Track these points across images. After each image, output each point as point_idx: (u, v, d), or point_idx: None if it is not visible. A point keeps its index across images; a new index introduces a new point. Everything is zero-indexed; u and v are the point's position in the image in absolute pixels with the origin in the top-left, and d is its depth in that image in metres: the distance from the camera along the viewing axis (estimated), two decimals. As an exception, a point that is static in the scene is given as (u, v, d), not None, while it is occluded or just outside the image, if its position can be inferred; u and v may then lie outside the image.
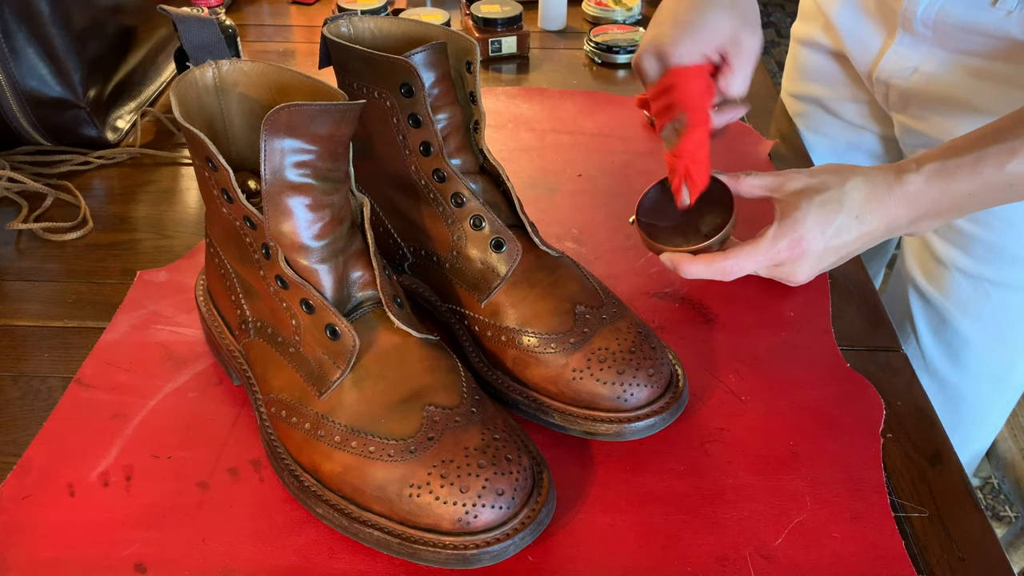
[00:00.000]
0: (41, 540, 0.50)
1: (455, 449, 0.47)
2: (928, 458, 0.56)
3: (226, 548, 0.49)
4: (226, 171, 0.48)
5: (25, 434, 0.56)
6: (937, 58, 0.76)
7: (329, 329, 0.50)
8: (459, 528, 0.46)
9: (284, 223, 0.49)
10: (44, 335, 0.65)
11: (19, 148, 0.84)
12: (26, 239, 0.74)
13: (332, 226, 0.51)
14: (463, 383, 0.51)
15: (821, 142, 0.97)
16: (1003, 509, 1.55)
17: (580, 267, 0.61)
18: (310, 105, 0.46)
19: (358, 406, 0.49)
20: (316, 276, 0.51)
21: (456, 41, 0.56)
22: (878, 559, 0.49)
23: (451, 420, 0.48)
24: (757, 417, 0.58)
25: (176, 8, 0.62)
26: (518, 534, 0.47)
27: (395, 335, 0.52)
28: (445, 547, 0.46)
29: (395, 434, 0.48)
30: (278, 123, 0.46)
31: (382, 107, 0.56)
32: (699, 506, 0.52)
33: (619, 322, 0.56)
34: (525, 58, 1.07)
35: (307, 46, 1.09)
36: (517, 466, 0.48)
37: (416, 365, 0.51)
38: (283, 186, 0.48)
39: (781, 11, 3.50)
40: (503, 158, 0.85)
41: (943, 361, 0.86)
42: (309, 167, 0.48)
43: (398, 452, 0.47)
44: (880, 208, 0.59)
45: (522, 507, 0.47)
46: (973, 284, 0.81)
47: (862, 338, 0.65)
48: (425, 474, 0.46)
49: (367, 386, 0.50)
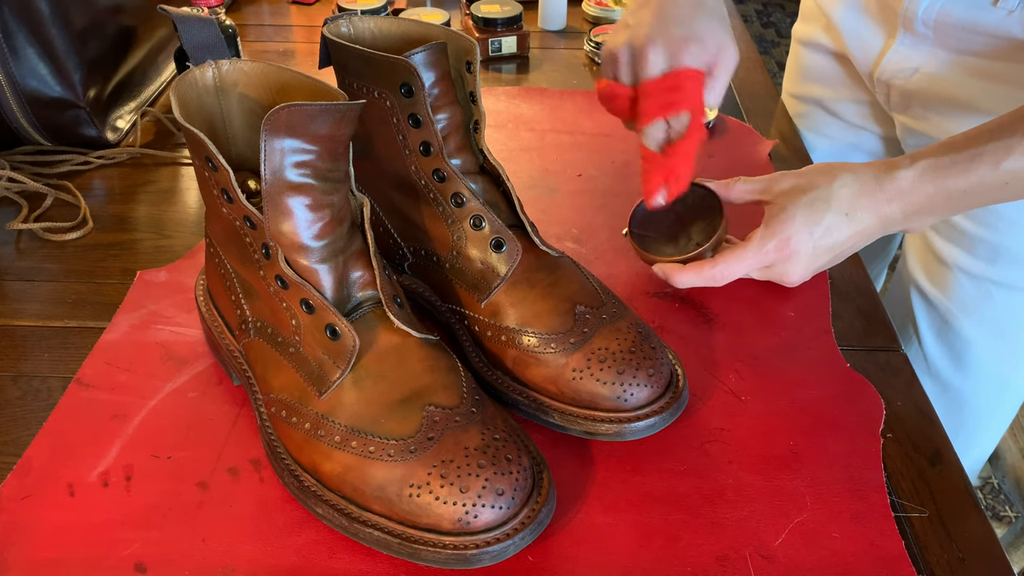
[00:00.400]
0: (41, 540, 0.50)
1: (455, 449, 0.47)
2: (928, 458, 0.56)
3: (226, 548, 0.49)
4: (226, 171, 0.48)
5: (25, 434, 0.56)
6: (938, 58, 0.76)
7: (329, 329, 0.50)
8: (459, 528, 0.46)
9: (284, 223, 0.49)
10: (44, 335, 0.65)
11: (19, 148, 0.84)
12: (26, 239, 0.74)
13: (332, 226, 0.51)
14: (463, 383, 0.51)
15: (822, 143, 0.97)
16: (1003, 509, 1.55)
17: (580, 267, 0.61)
18: (310, 105, 0.46)
19: (358, 406, 0.49)
20: (316, 276, 0.51)
21: (456, 41, 0.56)
22: (878, 559, 0.49)
23: (451, 420, 0.48)
24: (757, 417, 0.58)
25: (176, 8, 0.62)
26: (518, 534, 0.47)
27: (395, 335, 0.52)
28: (445, 547, 0.46)
29: (395, 434, 0.48)
30: (278, 123, 0.46)
31: (382, 107, 0.56)
32: (699, 506, 0.52)
33: (619, 322, 0.56)
34: (525, 58, 1.07)
35: (307, 46, 1.09)
36: (517, 466, 0.48)
37: (416, 365, 0.51)
38: (283, 186, 0.48)
39: (781, 11, 3.50)
40: (503, 158, 0.85)
41: (945, 364, 0.86)
42: (309, 167, 0.48)
43: (398, 452, 0.47)
44: (871, 204, 0.59)
45: (522, 507, 0.47)
46: (976, 285, 0.81)
47: (862, 338, 0.65)
48: (425, 474, 0.46)
49: (367, 386, 0.50)
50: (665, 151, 0.64)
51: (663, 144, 0.65)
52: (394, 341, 0.52)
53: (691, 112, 0.64)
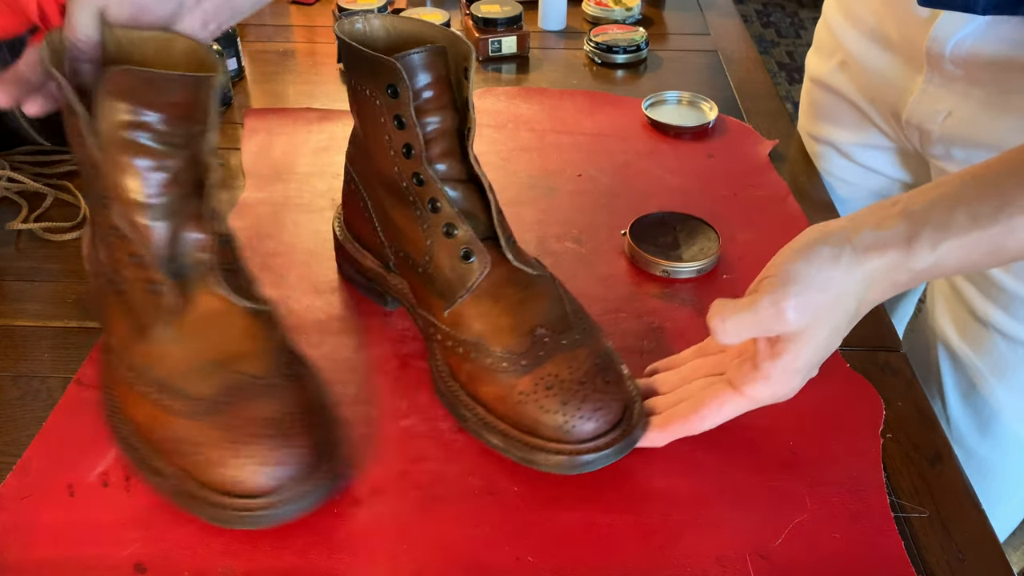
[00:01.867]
0: (41, 540, 0.50)
1: (242, 416, 0.49)
2: (928, 458, 0.56)
3: (225, 548, 0.49)
4: None
5: (25, 434, 0.56)
6: (975, 99, 0.67)
7: (151, 287, 0.52)
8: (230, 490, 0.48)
9: (118, 178, 0.51)
10: (44, 335, 0.65)
11: (19, 148, 0.84)
12: (26, 239, 0.74)
13: (169, 187, 0.52)
14: (279, 356, 0.53)
15: (840, 187, 0.89)
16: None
17: (560, 287, 0.59)
18: (147, 71, 0.48)
19: (170, 361, 0.51)
20: (148, 233, 0.52)
21: (456, 45, 0.56)
22: (878, 559, 0.49)
23: (253, 388, 0.50)
24: (757, 417, 0.58)
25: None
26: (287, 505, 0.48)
27: (219, 301, 0.53)
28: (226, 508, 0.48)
29: (193, 394, 0.50)
30: (113, 84, 0.48)
31: (374, 106, 0.56)
32: (699, 506, 0.52)
33: (578, 350, 0.54)
34: (525, 58, 1.07)
35: (307, 46, 1.09)
36: (304, 439, 0.49)
37: (233, 332, 0.53)
38: (118, 142, 0.50)
39: (781, 11, 3.50)
40: (503, 158, 0.85)
41: (971, 430, 0.77)
42: (146, 128, 0.50)
43: (193, 412, 0.49)
44: (881, 293, 0.49)
45: (280, 487, 0.48)
46: (1012, 349, 0.71)
47: (862, 338, 0.65)
48: (210, 433, 0.48)
49: (182, 345, 0.52)
50: None
51: None
52: (217, 306, 0.53)
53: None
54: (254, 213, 0.76)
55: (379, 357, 0.62)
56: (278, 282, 0.68)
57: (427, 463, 0.55)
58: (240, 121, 0.91)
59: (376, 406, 0.58)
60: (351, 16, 0.58)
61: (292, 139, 0.88)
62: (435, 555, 0.49)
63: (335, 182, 0.81)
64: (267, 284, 0.68)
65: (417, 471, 0.54)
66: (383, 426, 0.57)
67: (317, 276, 0.69)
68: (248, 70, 1.02)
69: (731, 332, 0.49)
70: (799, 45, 3.17)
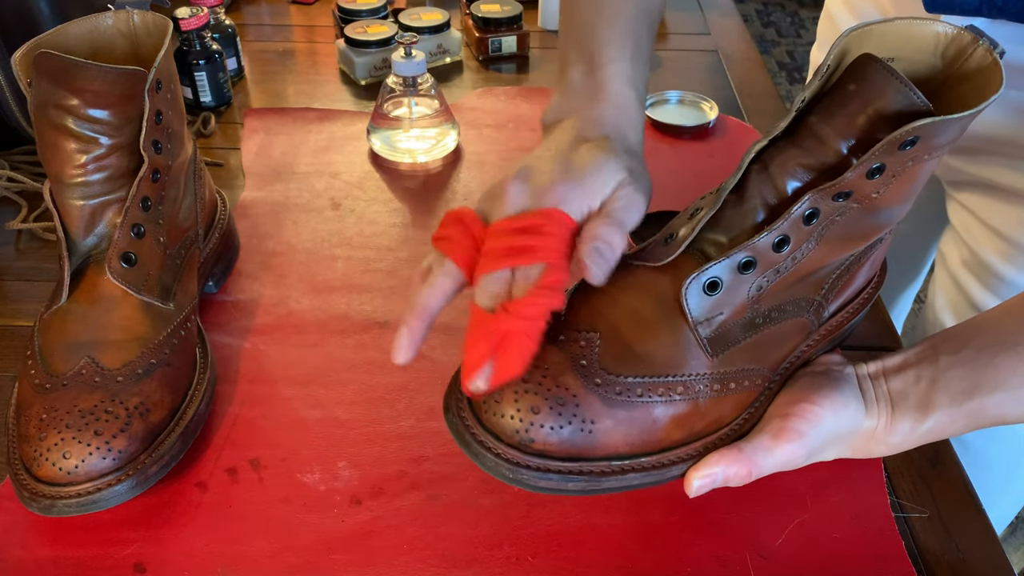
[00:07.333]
0: (41, 540, 0.50)
1: (63, 404, 0.50)
2: (928, 458, 0.56)
3: (225, 548, 0.49)
4: None
5: (25, 434, 0.56)
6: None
7: (59, 261, 0.55)
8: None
9: (46, 154, 0.54)
10: (44, 335, 0.64)
11: (19, 148, 0.84)
12: (26, 239, 0.74)
13: (90, 171, 0.54)
14: (149, 357, 0.53)
15: None
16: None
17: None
18: (71, 59, 0.51)
19: (52, 334, 0.54)
20: (67, 211, 0.55)
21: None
22: (878, 559, 0.49)
23: (90, 378, 0.51)
24: (757, 417, 0.58)
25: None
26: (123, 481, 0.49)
27: (114, 287, 0.55)
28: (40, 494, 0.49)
29: (52, 370, 0.52)
30: (42, 65, 0.50)
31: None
32: (699, 506, 0.52)
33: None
34: (525, 58, 1.07)
35: (307, 46, 1.09)
36: (114, 441, 0.49)
37: (114, 320, 0.54)
38: (46, 121, 0.53)
39: (781, 11, 3.50)
40: (503, 158, 0.85)
41: None
42: (70, 112, 0.53)
43: (41, 387, 0.51)
44: (854, 450, 0.51)
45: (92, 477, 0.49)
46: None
47: (862, 338, 0.65)
48: (40, 410, 0.50)
49: (66, 320, 0.54)
50: (499, 312, 0.46)
51: (500, 303, 0.47)
52: (111, 292, 0.55)
53: (547, 264, 0.47)
54: (254, 213, 0.76)
55: (379, 357, 0.62)
56: (278, 282, 0.69)
57: (427, 463, 0.55)
58: (240, 121, 0.91)
59: (376, 406, 0.58)
60: (351, 16, 0.57)
61: (292, 139, 0.88)
62: (435, 555, 0.49)
63: (334, 182, 0.81)
64: (267, 284, 0.68)
65: (417, 471, 0.54)
66: (383, 426, 0.57)
67: (317, 276, 0.69)
68: (248, 70, 1.02)
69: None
70: (799, 45, 3.17)
